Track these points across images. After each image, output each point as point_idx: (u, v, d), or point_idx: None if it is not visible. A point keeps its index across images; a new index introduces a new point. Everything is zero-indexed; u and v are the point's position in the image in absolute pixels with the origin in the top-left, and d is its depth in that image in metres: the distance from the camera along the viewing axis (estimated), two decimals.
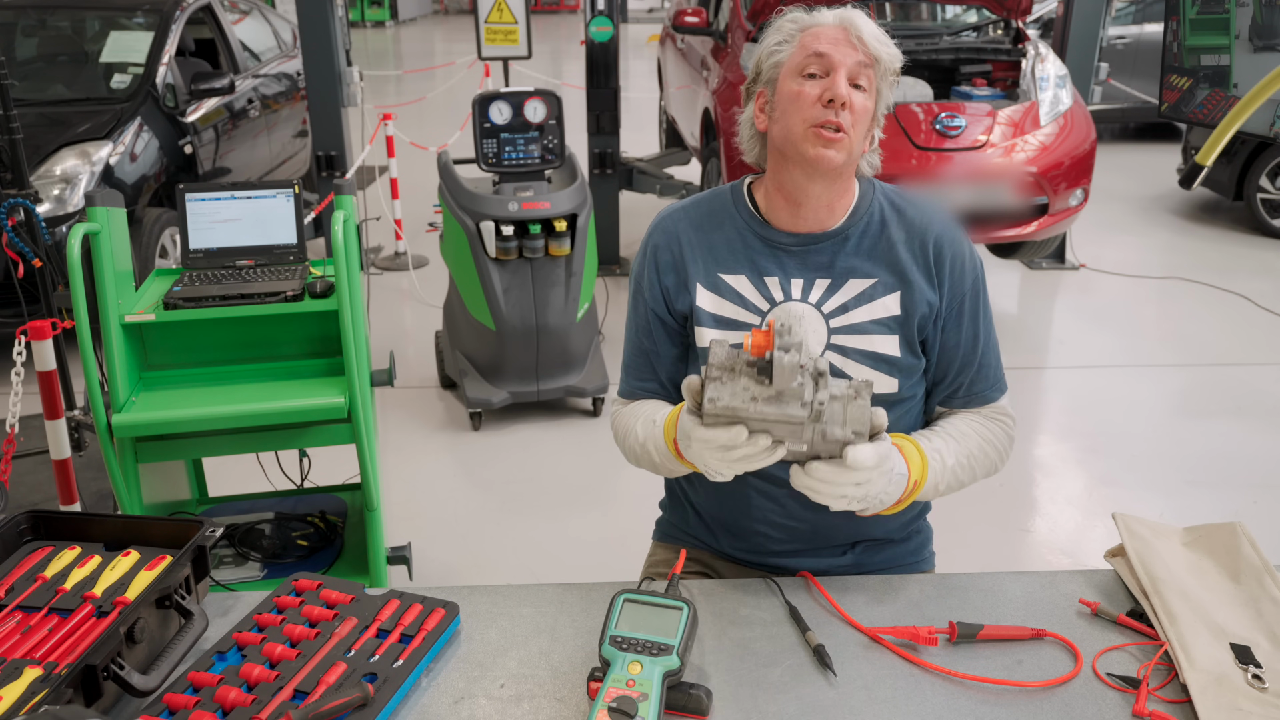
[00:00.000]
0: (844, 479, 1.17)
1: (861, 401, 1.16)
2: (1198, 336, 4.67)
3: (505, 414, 3.87)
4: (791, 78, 1.39)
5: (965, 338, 1.46)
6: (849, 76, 1.36)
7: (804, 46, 1.39)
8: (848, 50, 1.36)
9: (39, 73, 4.89)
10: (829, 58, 1.36)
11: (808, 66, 1.37)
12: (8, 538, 1.34)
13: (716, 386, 1.16)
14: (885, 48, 1.39)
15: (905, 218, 1.46)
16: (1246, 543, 1.32)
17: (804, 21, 1.41)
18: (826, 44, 1.37)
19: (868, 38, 1.37)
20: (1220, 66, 3.84)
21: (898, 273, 1.43)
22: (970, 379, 1.47)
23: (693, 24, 5.60)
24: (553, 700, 1.13)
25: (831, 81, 1.35)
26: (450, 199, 3.60)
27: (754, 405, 1.14)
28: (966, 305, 1.45)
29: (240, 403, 2.17)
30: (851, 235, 1.44)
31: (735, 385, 1.16)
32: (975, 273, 1.46)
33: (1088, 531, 3.15)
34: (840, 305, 1.43)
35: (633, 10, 22.40)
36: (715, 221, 1.49)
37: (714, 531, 1.57)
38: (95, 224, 2.07)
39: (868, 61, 1.37)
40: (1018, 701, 1.12)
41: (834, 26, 1.39)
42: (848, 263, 1.43)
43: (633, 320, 1.54)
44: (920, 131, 4.42)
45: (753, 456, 1.17)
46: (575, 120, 4.59)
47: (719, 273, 1.46)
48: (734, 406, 1.14)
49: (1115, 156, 8.11)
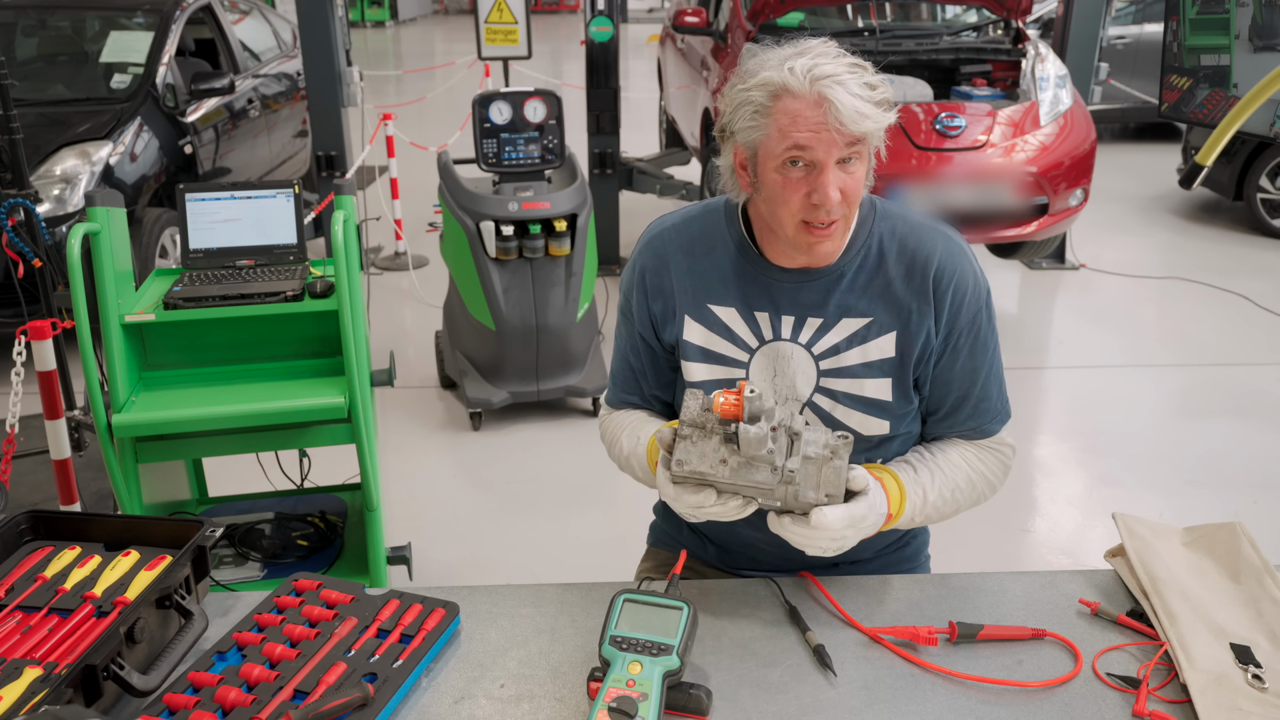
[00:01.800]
0: (817, 537, 1.18)
1: (838, 463, 1.16)
2: (1198, 336, 4.67)
3: (505, 414, 3.87)
4: (774, 165, 1.25)
5: (962, 372, 1.38)
6: (840, 157, 1.23)
7: (782, 131, 1.22)
8: (831, 143, 1.21)
9: (39, 73, 4.89)
10: (812, 152, 1.22)
11: (790, 156, 1.23)
12: (8, 538, 1.34)
13: (685, 448, 1.17)
14: (871, 120, 1.21)
15: (905, 248, 1.36)
16: (1246, 543, 1.32)
17: (775, 86, 1.23)
18: (807, 133, 1.21)
19: (848, 120, 1.20)
20: (1220, 66, 3.84)
21: (894, 311, 1.35)
22: (967, 413, 1.41)
23: (693, 24, 5.60)
24: (553, 700, 1.13)
25: (820, 184, 1.23)
26: (450, 199, 3.60)
27: (723, 469, 1.15)
28: (964, 339, 1.37)
29: (240, 403, 2.17)
30: (847, 272, 1.36)
31: (706, 446, 1.16)
32: (978, 305, 1.37)
33: (1088, 531, 3.15)
34: (832, 346, 1.36)
35: (633, 10, 22.38)
36: (706, 245, 1.41)
37: (704, 545, 1.57)
38: (95, 224, 2.07)
39: (854, 146, 1.23)
40: (1018, 701, 1.12)
41: (810, 102, 1.21)
42: (842, 300, 1.36)
43: (623, 334, 1.51)
44: (920, 131, 4.42)
45: (723, 514, 1.19)
46: (575, 120, 4.59)
47: (708, 303, 1.40)
48: (701, 471, 1.16)
49: (1115, 156, 8.10)
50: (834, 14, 5.88)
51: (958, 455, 1.41)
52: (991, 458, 1.43)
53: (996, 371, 1.42)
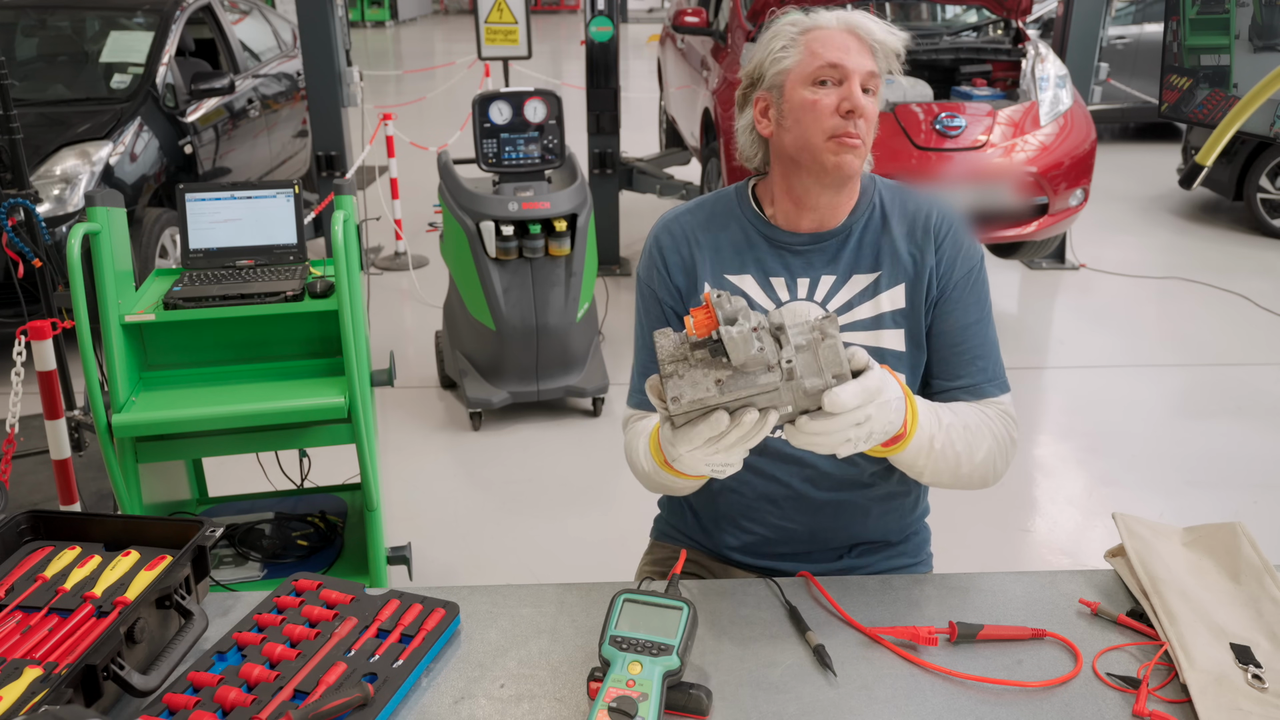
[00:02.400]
0: (839, 424, 1.08)
1: (830, 341, 1.07)
2: (1198, 336, 4.67)
3: (505, 414, 3.87)
4: (803, 86, 1.36)
5: (960, 323, 1.42)
6: (862, 84, 1.35)
7: (813, 53, 1.36)
8: (861, 59, 1.35)
9: (39, 73, 4.89)
10: (843, 67, 1.34)
11: (820, 75, 1.35)
12: (8, 538, 1.34)
13: (675, 383, 1.06)
14: (896, 41, 1.38)
15: (906, 209, 1.45)
16: (1246, 543, 1.32)
17: (805, 24, 1.39)
18: (838, 52, 1.35)
19: (879, 38, 1.37)
20: (1220, 66, 3.84)
21: (901, 264, 1.42)
22: (965, 368, 1.43)
23: (693, 24, 5.60)
24: (553, 700, 1.13)
25: (848, 90, 1.34)
26: (450, 199, 3.60)
27: (720, 389, 1.05)
28: (962, 289, 1.42)
29: (240, 403, 2.17)
30: (854, 231, 1.44)
31: (695, 374, 1.06)
32: (974, 260, 1.44)
33: (1088, 531, 3.15)
34: (846, 303, 1.43)
35: (633, 10, 22.39)
36: (720, 223, 1.49)
37: (711, 533, 1.57)
38: (95, 224, 2.07)
39: (876, 70, 1.37)
40: (1018, 701, 1.12)
41: (841, 31, 1.36)
42: (852, 259, 1.43)
43: (645, 325, 1.51)
44: (920, 131, 4.42)
45: (746, 436, 1.08)
46: (575, 120, 4.59)
47: (725, 273, 1.46)
48: (699, 398, 1.05)
49: (1115, 156, 8.10)
50: None
51: (962, 405, 1.40)
52: (996, 415, 1.42)
53: (992, 337, 1.46)
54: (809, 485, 1.46)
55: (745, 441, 1.09)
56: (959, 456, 1.32)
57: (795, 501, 1.47)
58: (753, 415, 1.06)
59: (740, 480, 1.45)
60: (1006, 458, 1.42)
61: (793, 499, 1.47)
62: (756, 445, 1.24)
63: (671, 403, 1.06)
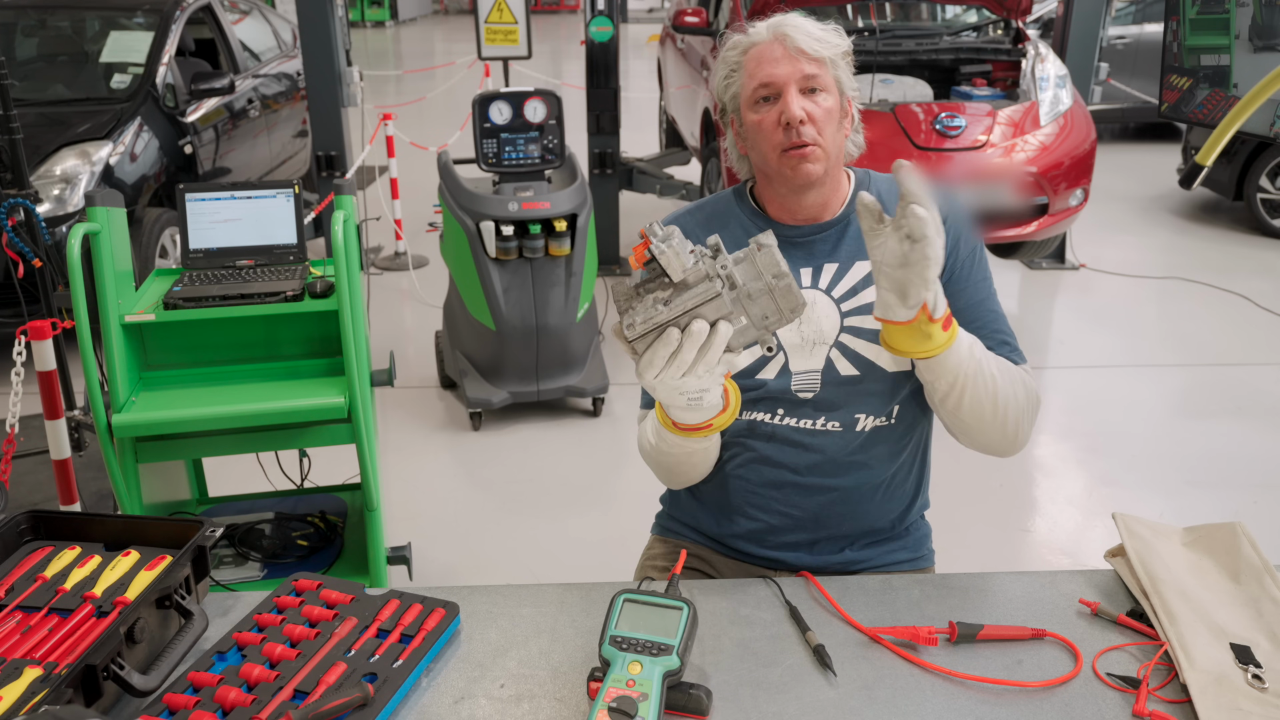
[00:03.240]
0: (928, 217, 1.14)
1: (766, 252, 1.13)
2: (1198, 336, 4.67)
3: (505, 414, 3.87)
4: (749, 108, 1.41)
5: (979, 298, 1.46)
6: (800, 88, 1.37)
7: (750, 74, 1.40)
8: (789, 67, 1.37)
9: (39, 73, 4.89)
10: (774, 83, 1.38)
11: (758, 95, 1.39)
12: (8, 538, 1.34)
13: (629, 315, 1.13)
14: (825, 45, 1.39)
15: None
16: (1246, 543, 1.32)
17: (743, 44, 1.42)
18: (768, 67, 1.38)
19: (804, 44, 1.37)
20: (1220, 66, 3.84)
21: None
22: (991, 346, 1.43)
23: (693, 24, 5.60)
24: (553, 700, 1.13)
25: (784, 104, 1.37)
26: (450, 199, 3.60)
27: (668, 307, 1.11)
28: (970, 268, 1.45)
29: (240, 403, 2.17)
30: (853, 220, 1.46)
31: (644, 302, 1.13)
32: (975, 241, 1.47)
33: (1088, 531, 3.15)
34: (850, 289, 1.45)
35: (633, 10, 22.39)
36: (720, 221, 1.52)
37: (717, 521, 1.58)
38: (95, 224, 2.07)
39: (814, 67, 1.37)
40: (1018, 701, 1.12)
41: (770, 43, 1.39)
42: (852, 246, 1.46)
43: None
44: (920, 131, 4.42)
45: (705, 348, 1.12)
46: (575, 120, 4.59)
47: None
48: (650, 317, 1.11)
49: (1115, 156, 8.10)
50: (834, 14, 5.88)
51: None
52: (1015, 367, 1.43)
53: (1002, 313, 1.48)
54: (814, 472, 1.47)
55: (704, 355, 1.12)
56: (995, 379, 1.35)
57: (800, 488, 1.49)
58: (701, 324, 1.11)
59: (746, 466, 1.49)
60: (1034, 412, 1.44)
61: (798, 486, 1.48)
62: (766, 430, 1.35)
63: (626, 329, 1.13)
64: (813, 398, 1.45)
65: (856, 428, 1.46)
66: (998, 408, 1.36)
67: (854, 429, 1.46)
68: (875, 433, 1.47)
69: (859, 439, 1.46)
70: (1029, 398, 1.41)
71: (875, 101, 4.65)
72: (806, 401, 1.45)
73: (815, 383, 1.45)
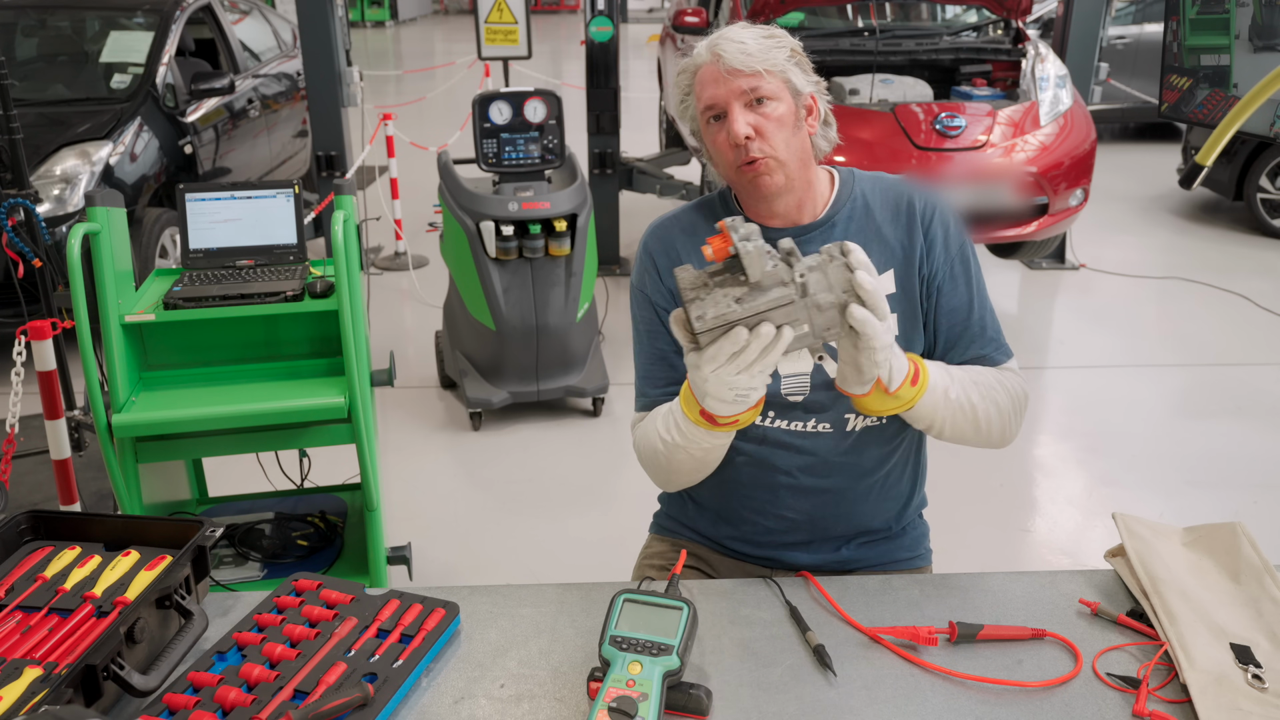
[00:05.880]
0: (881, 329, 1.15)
1: (838, 263, 1.15)
2: (1198, 336, 4.67)
3: (505, 414, 3.87)
4: (705, 129, 1.43)
5: (962, 301, 1.46)
6: (744, 103, 1.37)
7: (698, 96, 1.41)
8: (728, 87, 1.37)
9: (39, 73, 4.89)
10: (717, 104, 1.38)
11: (707, 117, 1.41)
12: (8, 538, 1.34)
13: (698, 304, 1.13)
14: (759, 58, 1.36)
15: (888, 197, 1.48)
16: (1246, 543, 1.32)
17: (690, 67, 1.43)
18: (710, 88, 1.38)
19: (736, 61, 1.36)
20: (1220, 66, 3.84)
21: (888, 250, 1.45)
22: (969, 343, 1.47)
23: (693, 24, 5.61)
24: (553, 700, 1.13)
25: (728, 123, 1.37)
26: (450, 199, 3.60)
27: (741, 305, 1.12)
28: (958, 267, 1.46)
29: (240, 403, 2.17)
30: (838, 222, 1.47)
31: (715, 295, 1.13)
32: (962, 238, 1.48)
33: (1088, 531, 3.15)
34: None
35: (633, 10, 22.39)
36: (707, 225, 1.51)
37: (713, 523, 1.58)
38: (95, 224, 2.06)
39: (751, 80, 1.36)
40: (1018, 701, 1.12)
41: (710, 64, 1.39)
42: None
43: (642, 329, 1.53)
44: (920, 131, 4.42)
45: (768, 350, 1.13)
46: (575, 120, 4.59)
47: None
48: (723, 314, 1.12)
49: (1115, 156, 8.10)
50: (834, 14, 5.88)
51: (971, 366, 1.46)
52: (1003, 372, 1.46)
53: (990, 308, 1.50)
54: (807, 473, 1.48)
55: (765, 356, 1.13)
56: (975, 407, 1.37)
57: (794, 490, 1.49)
58: (769, 328, 1.12)
59: (739, 470, 1.49)
60: (1020, 413, 1.46)
61: (793, 487, 1.49)
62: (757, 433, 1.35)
63: (696, 321, 1.13)
64: (802, 400, 1.45)
65: (847, 428, 1.46)
66: (979, 429, 1.40)
67: (844, 429, 1.46)
68: (866, 433, 1.47)
69: (850, 439, 1.47)
70: (1013, 402, 1.44)
71: (875, 101, 4.65)
72: (796, 404, 1.45)
73: (805, 385, 1.45)
